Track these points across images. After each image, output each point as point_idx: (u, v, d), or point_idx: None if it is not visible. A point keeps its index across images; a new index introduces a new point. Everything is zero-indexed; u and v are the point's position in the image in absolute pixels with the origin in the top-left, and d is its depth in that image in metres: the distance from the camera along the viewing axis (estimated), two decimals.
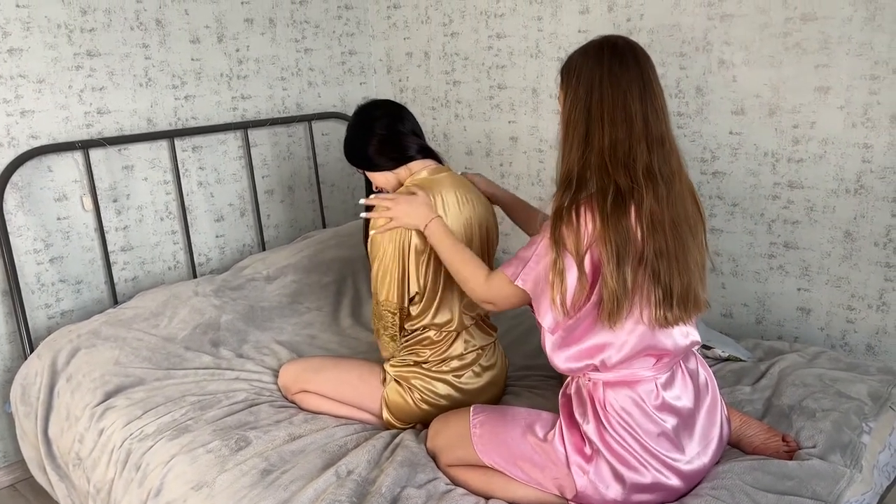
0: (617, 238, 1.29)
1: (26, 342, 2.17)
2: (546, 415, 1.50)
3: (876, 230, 2.00)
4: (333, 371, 1.85)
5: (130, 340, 2.09)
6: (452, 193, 1.73)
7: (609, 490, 1.38)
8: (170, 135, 2.48)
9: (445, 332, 1.75)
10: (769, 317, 2.26)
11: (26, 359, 2.12)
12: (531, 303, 1.42)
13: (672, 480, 1.39)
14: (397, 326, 1.73)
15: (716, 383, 1.53)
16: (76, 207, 2.33)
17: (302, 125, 2.92)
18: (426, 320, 1.74)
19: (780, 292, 2.22)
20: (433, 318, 1.73)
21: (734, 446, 1.58)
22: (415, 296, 1.72)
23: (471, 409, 1.56)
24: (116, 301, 2.42)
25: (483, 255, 1.79)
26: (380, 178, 1.79)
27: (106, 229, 2.40)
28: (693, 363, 1.51)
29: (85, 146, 2.27)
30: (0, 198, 2.10)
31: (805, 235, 2.13)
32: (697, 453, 1.43)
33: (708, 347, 1.98)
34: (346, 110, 3.03)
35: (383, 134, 1.74)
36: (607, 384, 1.41)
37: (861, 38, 1.91)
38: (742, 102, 2.16)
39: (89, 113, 2.32)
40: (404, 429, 1.76)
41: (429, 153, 1.79)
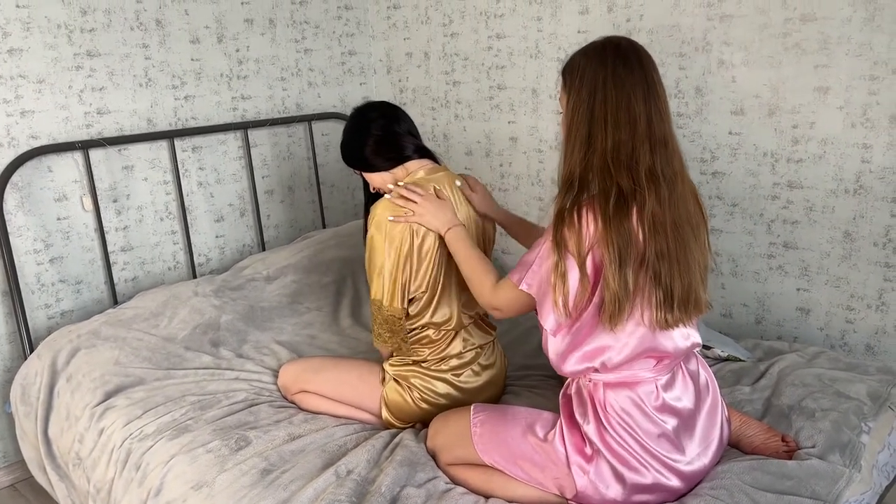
0: (619, 240, 1.29)
1: (26, 342, 2.18)
2: (546, 414, 1.50)
3: (875, 230, 2.01)
4: (333, 371, 1.85)
5: (130, 340, 2.09)
6: (450, 192, 1.74)
7: (609, 490, 1.38)
8: (170, 135, 2.48)
9: (444, 331, 1.76)
10: (769, 317, 2.26)
11: (26, 359, 2.12)
12: (536, 308, 1.42)
13: (672, 481, 1.39)
14: (404, 331, 1.73)
15: (716, 384, 1.53)
16: (76, 207, 2.33)
17: (302, 125, 2.92)
18: (425, 319, 1.74)
19: (780, 292, 2.22)
20: (432, 317, 1.73)
21: (734, 446, 1.58)
22: (414, 296, 1.72)
23: (471, 409, 1.56)
24: (116, 301, 2.42)
25: None
26: (376, 179, 1.80)
27: (106, 229, 2.40)
28: (694, 364, 1.51)
29: (85, 146, 2.27)
30: (0, 198, 2.11)
31: (804, 235, 2.13)
32: (698, 454, 1.43)
33: (708, 347, 1.98)
34: (346, 110, 3.02)
35: (379, 135, 1.74)
36: (608, 385, 1.41)
37: (860, 39, 1.92)
38: (741, 103, 2.16)
39: (89, 113, 2.32)
40: (404, 428, 1.77)
41: (425, 153, 1.80)
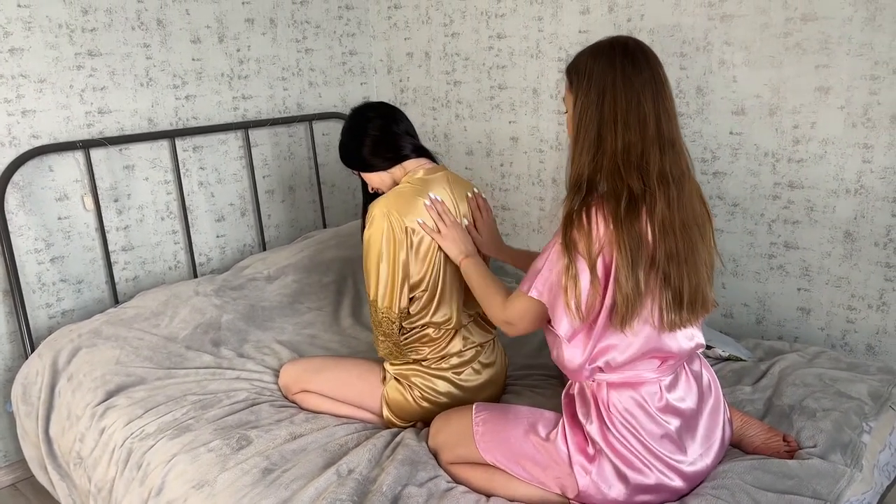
0: (630, 242, 1.28)
1: (27, 342, 2.18)
2: (549, 414, 1.50)
3: (876, 230, 2.01)
4: (334, 371, 1.85)
5: (131, 340, 2.09)
6: (448, 192, 1.75)
7: (612, 490, 1.38)
8: (171, 135, 2.48)
9: (444, 330, 1.76)
10: (769, 317, 2.26)
11: (27, 358, 2.12)
12: (549, 317, 1.39)
13: (675, 482, 1.39)
14: (398, 334, 1.73)
15: (719, 385, 1.53)
16: (77, 207, 2.33)
17: (303, 125, 2.92)
18: (425, 319, 1.74)
19: (781, 292, 2.22)
20: (432, 317, 1.73)
21: (735, 446, 1.58)
22: (414, 296, 1.72)
23: (473, 408, 1.56)
24: (117, 301, 2.42)
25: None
26: (375, 179, 1.80)
27: (107, 229, 2.40)
28: (697, 365, 1.51)
29: (86, 146, 2.28)
30: (1, 197, 2.10)
31: (805, 235, 2.13)
32: (700, 455, 1.43)
33: (709, 347, 1.98)
34: (347, 110, 2.99)
35: (377, 135, 1.75)
36: (611, 385, 1.40)
37: (861, 39, 1.92)
38: (742, 103, 2.16)
39: (90, 113, 2.32)
40: (405, 427, 1.77)
41: (423, 152, 1.80)
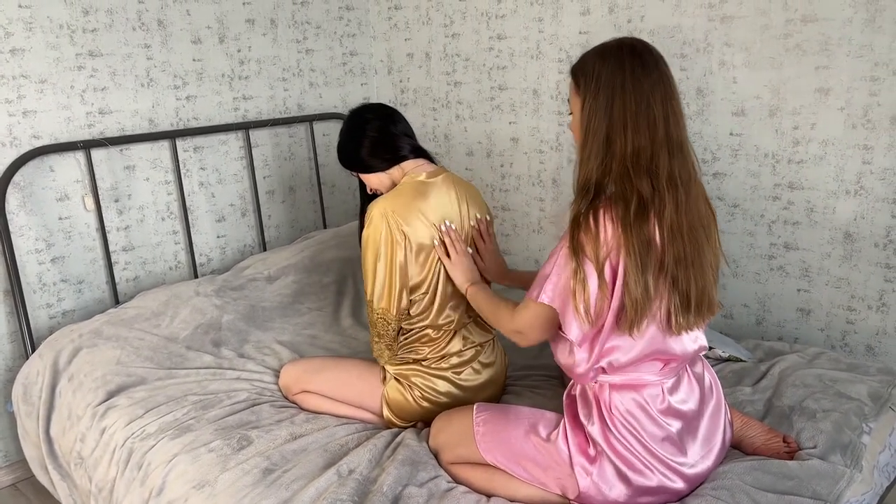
0: (639, 246, 1.27)
1: (28, 342, 2.18)
2: (550, 415, 1.50)
3: (876, 231, 2.01)
4: (334, 371, 1.86)
5: (132, 340, 2.09)
6: (451, 194, 1.75)
7: (612, 491, 1.38)
8: (171, 135, 2.48)
9: (444, 330, 1.76)
10: (769, 317, 2.26)
11: (28, 358, 2.12)
12: (559, 323, 1.38)
13: (677, 483, 1.39)
14: (391, 336, 1.72)
15: (720, 387, 1.53)
16: (78, 207, 2.34)
17: (303, 126, 2.93)
18: (426, 321, 1.74)
19: (781, 293, 2.22)
20: (432, 320, 1.74)
21: (735, 447, 1.58)
22: (413, 299, 1.72)
23: (474, 408, 1.56)
24: (118, 301, 2.42)
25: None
26: (373, 180, 1.81)
27: (107, 229, 2.40)
28: (699, 367, 1.50)
29: (87, 146, 2.28)
30: (2, 197, 2.11)
31: (805, 236, 2.13)
32: (702, 457, 1.43)
33: (709, 348, 1.98)
34: (347, 111, 3.00)
35: (375, 136, 1.76)
36: (613, 387, 1.40)
37: (861, 40, 1.92)
38: (742, 104, 2.16)
39: (91, 113, 2.33)
40: (405, 427, 1.77)
41: (421, 153, 1.80)
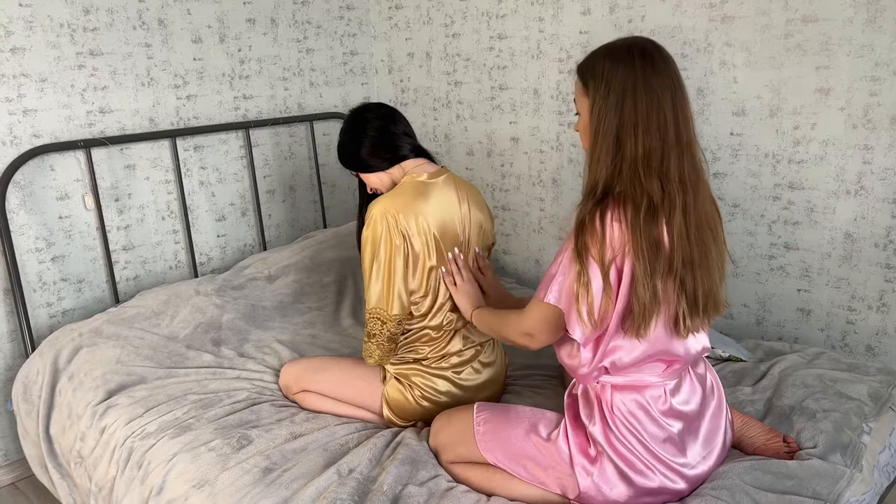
0: (648, 250, 1.26)
1: (28, 340, 2.18)
2: (550, 414, 1.50)
3: (876, 231, 2.01)
4: (334, 370, 1.86)
5: (132, 339, 2.09)
6: (453, 195, 1.75)
7: (613, 491, 1.38)
8: (171, 134, 2.48)
9: (444, 330, 1.76)
10: (769, 317, 2.26)
11: (28, 357, 2.12)
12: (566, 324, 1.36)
13: (678, 484, 1.39)
14: (385, 337, 1.68)
15: (722, 388, 1.53)
16: (78, 206, 2.34)
17: (303, 125, 2.93)
18: (425, 322, 1.75)
19: (781, 293, 2.22)
20: (432, 321, 1.74)
21: (735, 447, 1.58)
22: (415, 300, 1.72)
23: (474, 407, 1.56)
24: (118, 300, 2.42)
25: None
26: (374, 180, 1.81)
27: (107, 228, 2.40)
28: (701, 368, 1.50)
29: (87, 145, 2.28)
30: (2, 196, 2.11)
31: (805, 236, 2.13)
32: (703, 458, 1.43)
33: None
34: (348, 111, 3.00)
35: (375, 135, 1.76)
36: (615, 388, 1.40)
37: (862, 40, 1.92)
38: (743, 104, 2.16)
39: (91, 112, 2.33)
40: (405, 427, 1.77)
41: (421, 152, 1.80)
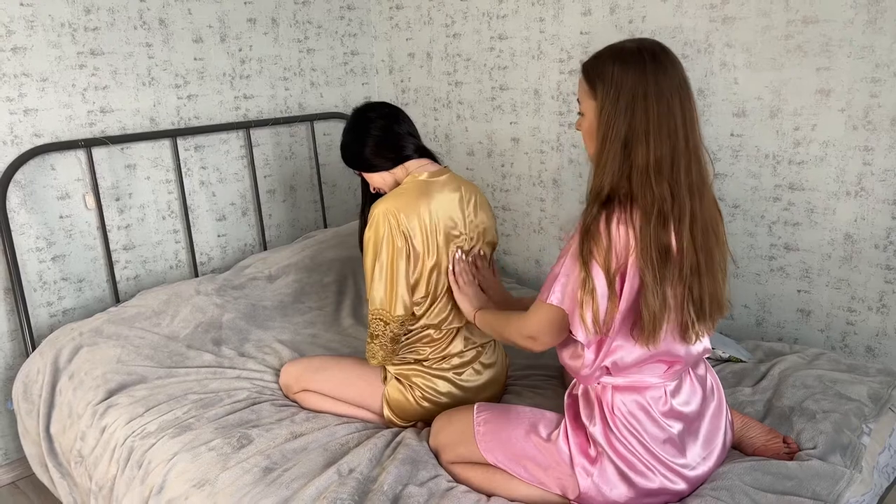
0: (658, 257, 1.25)
1: (28, 340, 2.18)
2: (550, 415, 1.50)
3: (876, 233, 2.01)
4: (334, 370, 1.86)
5: (132, 339, 2.10)
6: (455, 194, 1.75)
7: (613, 492, 1.38)
8: (172, 134, 2.48)
9: (445, 330, 1.76)
10: (769, 318, 2.26)
11: (28, 356, 2.12)
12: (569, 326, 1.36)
13: (678, 485, 1.40)
14: (388, 337, 1.68)
15: (722, 389, 1.53)
16: (79, 206, 2.34)
17: (304, 125, 2.93)
18: (425, 321, 1.75)
19: (781, 294, 2.22)
20: (433, 319, 1.74)
21: (735, 448, 1.58)
22: (415, 299, 1.72)
23: (474, 407, 1.56)
24: (118, 299, 2.42)
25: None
26: (377, 179, 1.81)
27: (108, 228, 2.40)
28: (702, 369, 1.50)
29: (88, 145, 2.28)
30: (3, 196, 2.11)
31: (805, 237, 2.13)
32: (703, 458, 1.43)
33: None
34: (348, 111, 3.00)
35: (379, 135, 1.75)
36: (616, 388, 1.40)
37: (862, 41, 1.92)
38: (743, 104, 2.16)
39: (92, 112, 2.33)
40: (405, 427, 1.77)
41: (425, 153, 1.81)
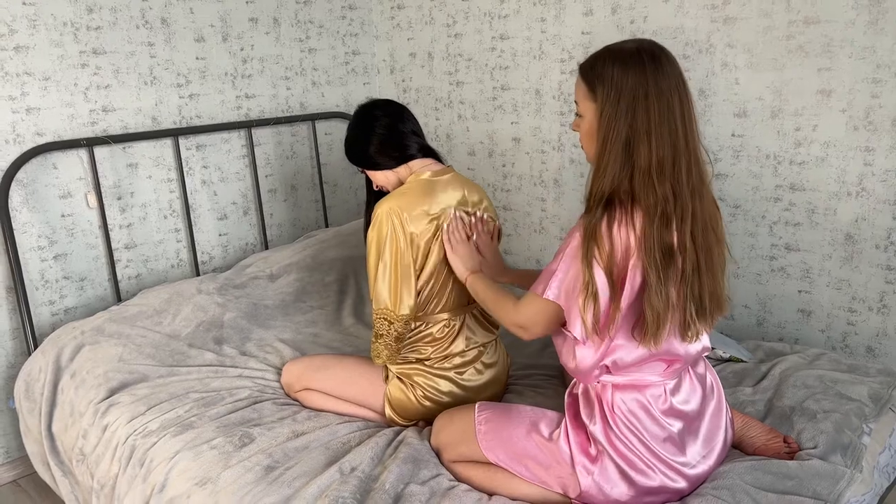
0: (661, 258, 1.25)
1: (30, 338, 2.18)
2: (551, 414, 1.50)
3: (877, 233, 2.01)
4: (336, 369, 1.86)
5: (134, 337, 2.10)
6: (458, 193, 1.76)
7: (614, 490, 1.38)
8: (174, 133, 2.48)
9: (447, 330, 1.76)
10: (770, 318, 2.27)
11: (30, 355, 2.12)
12: (563, 320, 1.36)
13: (678, 483, 1.40)
14: (392, 337, 1.69)
15: (722, 388, 1.53)
16: (80, 205, 2.34)
17: (305, 125, 2.93)
18: (426, 320, 1.75)
19: (782, 294, 2.23)
20: (433, 319, 1.75)
21: (736, 447, 1.58)
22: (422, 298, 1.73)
23: (476, 406, 1.57)
24: (120, 298, 2.42)
25: None
26: (380, 177, 1.81)
27: (110, 227, 2.41)
28: (701, 368, 1.51)
29: (90, 144, 2.28)
30: (5, 195, 2.11)
31: (806, 237, 2.14)
32: (703, 457, 1.43)
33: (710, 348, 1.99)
34: (350, 110, 3.04)
35: (384, 133, 1.76)
36: (616, 387, 1.40)
37: (864, 42, 1.92)
38: (744, 105, 2.16)
39: (94, 111, 2.33)
40: (407, 426, 1.77)
41: (429, 152, 1.81)
